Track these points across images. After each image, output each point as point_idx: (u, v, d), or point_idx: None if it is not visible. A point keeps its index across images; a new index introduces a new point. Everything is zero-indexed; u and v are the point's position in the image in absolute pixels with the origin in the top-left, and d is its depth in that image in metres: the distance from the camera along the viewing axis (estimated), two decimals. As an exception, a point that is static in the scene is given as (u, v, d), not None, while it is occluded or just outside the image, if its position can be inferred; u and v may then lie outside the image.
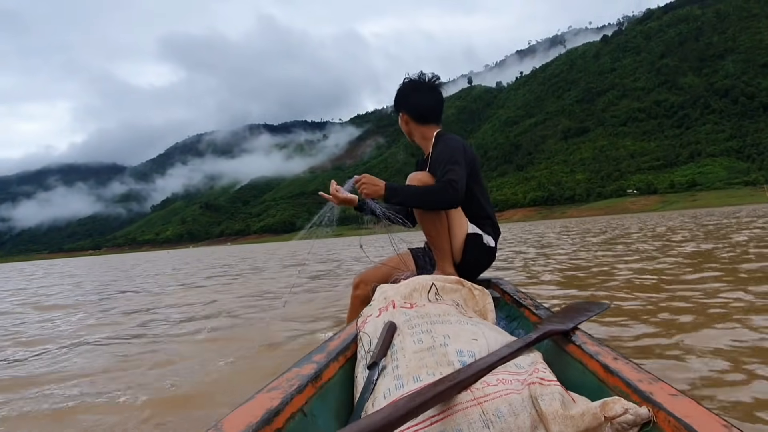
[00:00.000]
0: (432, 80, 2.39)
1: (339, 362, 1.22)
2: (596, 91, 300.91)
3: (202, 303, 5.71)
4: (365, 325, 1.37)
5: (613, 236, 14.24)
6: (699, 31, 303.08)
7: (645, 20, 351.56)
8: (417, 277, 1.62)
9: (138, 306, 5.86)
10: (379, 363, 1.11)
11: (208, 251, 65.48)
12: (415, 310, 1.33)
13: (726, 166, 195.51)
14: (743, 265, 5.20)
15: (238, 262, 17.79)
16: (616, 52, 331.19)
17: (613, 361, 1.03)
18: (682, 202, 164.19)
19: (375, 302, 1.54)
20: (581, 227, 28.34)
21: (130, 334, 3.87)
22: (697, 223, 18.89)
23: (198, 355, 2.97)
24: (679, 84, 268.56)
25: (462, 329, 1.21)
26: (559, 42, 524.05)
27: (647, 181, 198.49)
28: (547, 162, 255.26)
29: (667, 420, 0.77)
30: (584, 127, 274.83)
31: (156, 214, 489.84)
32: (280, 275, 9.60)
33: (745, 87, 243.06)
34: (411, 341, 1.15)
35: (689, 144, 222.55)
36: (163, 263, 23.42)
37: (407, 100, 2.39)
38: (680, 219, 29.33)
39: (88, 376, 2.65)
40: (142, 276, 12.87)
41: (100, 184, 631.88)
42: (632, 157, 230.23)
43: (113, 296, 7.52)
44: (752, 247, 7.43)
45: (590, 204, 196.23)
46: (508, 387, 0.95)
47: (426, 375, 1.01)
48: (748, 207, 66.07)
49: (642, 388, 0.87)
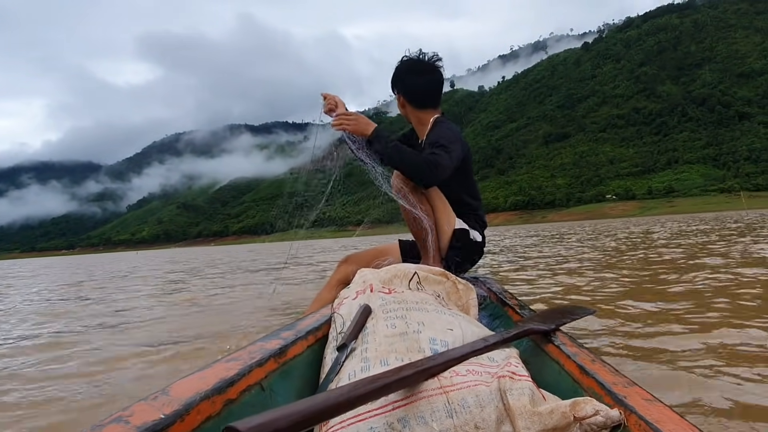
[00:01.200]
0: (432, 60, 2.27)
1: (308, 341, 1.20)
2: (577, 98, 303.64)
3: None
4: (340, 307, 1.34)
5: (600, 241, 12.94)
6: (677, 40, 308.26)
7: (625, 28, 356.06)
8: (400, 264, 1.59)
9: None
10: (348, 345, 1.09)
11: (187, 252, 63.21)
12: (392, 296, 1.30)
13: (702, 173, 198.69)
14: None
15: (205, 266, 16.04)
16: (596, 59, 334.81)
17: (590, 363, 1.02)
18: (659, 208, 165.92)
19: (353, 285, 1.50)
20: (560, 231, 27.20)
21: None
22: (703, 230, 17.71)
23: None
24: (657, 92, 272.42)
25: (438, 318, 1.19)
26: (541, 48, 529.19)
27: (626, 187, 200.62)
28: (528, 167, 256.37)
29: (637, 424, 0.76)
30: (565, 132, 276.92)
31: (132, 214, 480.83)
32: (240, 296, 7.95)
33: (722, 96, 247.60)
34: (384, 325, 1.14)
35: (667, 151, 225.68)
36: (123, 264, 21.54)
37: (404, 81, 2.28)
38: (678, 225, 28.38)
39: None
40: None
41: (75, 183, 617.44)
42: (611, 163, 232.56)
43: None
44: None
45: (570, 209, 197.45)
46: (477, 378, 0.93)
47: (394, 360, 1.00)
48: (726, 213, 66.00)
49: (616, 391, 0.86)
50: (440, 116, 2.29)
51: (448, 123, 2.20)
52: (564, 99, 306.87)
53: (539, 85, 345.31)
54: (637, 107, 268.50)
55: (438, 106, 2.32)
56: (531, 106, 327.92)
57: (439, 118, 2.26)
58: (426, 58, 2.26)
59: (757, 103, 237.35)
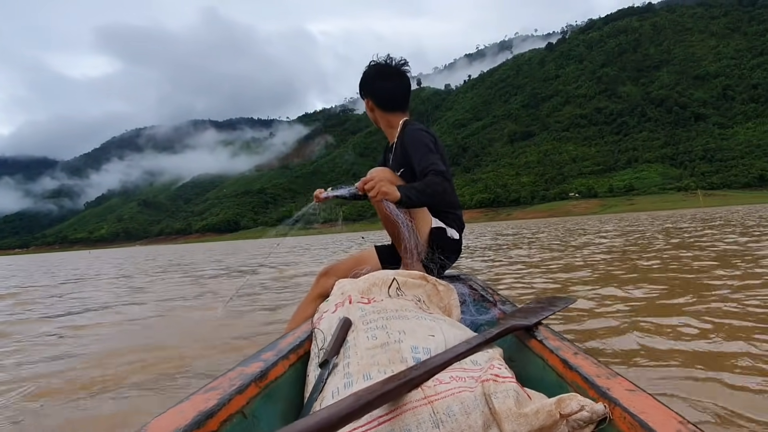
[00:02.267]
0: (399, 65, 2.29)
1: (290, 360, 1.17)
2: (541, 97, 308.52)
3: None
4: (320, 322, 1.33)
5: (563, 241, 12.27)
6: (637, 42, 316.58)
7: (587, 30, 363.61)
8: (378, 271, 1.58)
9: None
10: (330, 361, 1.08)
11: (147, 251, 60.72)
12: (372, 306, 1.29)
13: (660, 172, 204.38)
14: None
15: (160, 266, 14.72)
16: (560, 59, 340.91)
17: (572, 356, 1.02)
18: (620, 205, 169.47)
19: (332, 297, 1.49)
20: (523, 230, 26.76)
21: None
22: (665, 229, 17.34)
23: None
24: (618, 92, 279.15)
25: (419, 324, 1.18)
26: (506, 47, 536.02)
27: (588, 185, 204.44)
28: (493, 164, 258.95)
29: (622, 416, 0.77)
30: (529, 131, 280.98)
31: (90, 212, 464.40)
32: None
33: (679, 97, 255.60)
34: (364, 337, 1.13)
35: (627, 150, 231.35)
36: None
37: (372, 85, 2.30)
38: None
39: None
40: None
41: (29, 179, 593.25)
42: (574, 162, 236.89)
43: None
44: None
45: (534, 206, 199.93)
46: (460, 384, 0.92)
47: (377, 373, 0.99)
48: (684, 211, 67.56)
49: (599, 384, 0.87)
50: (408, 119, 2.32)
51: (418, 126, 2.21)
52: (529, 98, 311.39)
53: (504, 84, 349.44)
54: (598, 107, 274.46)
55: (406, 109, 2.35)
56: (496, 104, 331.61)
57: (407, 121, 2.28)
58: (393, 62, 2.28)
59: (712, 105, 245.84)
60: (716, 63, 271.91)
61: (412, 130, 2.17)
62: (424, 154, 2.02)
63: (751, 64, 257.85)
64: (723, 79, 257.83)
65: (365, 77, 2.32)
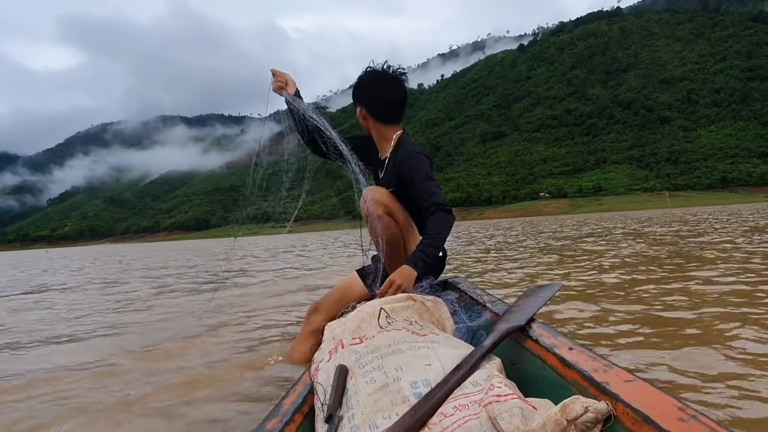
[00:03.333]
0: (396, 73, 2.20)
1: (296, 423, 1.14)
2: (513, 98, 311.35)
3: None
4: (318, 374, 1.31)
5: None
6: (606, 45, 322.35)
7: (558, 32, 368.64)
8: (364, 306, 1.56)
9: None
10: (335, 415, 1.06)
11: (111, 250, 58.49)
12: (364, 345, 1.29)
13: (628, 173, 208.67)
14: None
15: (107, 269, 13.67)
16: (531, 61, 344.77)
17: (568, 353, 1.04)
18: (589, 205, 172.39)
19: (324, 344, 1.47)
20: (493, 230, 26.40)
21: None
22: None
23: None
24: (587, 94, 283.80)
25: (414, 356, 1.18)
26: (479, 48, 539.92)
27: (558, 185, 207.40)
28: (465, 164, 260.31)
29: (625, 412, 0.79)
30: (501, 131, 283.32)
31: (53, 208, 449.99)
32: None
33: (645, 100, 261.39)
34: (363, 382, 1.12)
35: (596, 151, 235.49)
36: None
37: (367, 93, 2.20)
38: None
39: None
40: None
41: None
42: (545, 162, 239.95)
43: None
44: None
45: (506, 206, 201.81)
46: (465, 414, 0.92)
47: (382, 419, 0.98)
48: (652, 212, 68.75)
49: (598, 379, 0.89)
50: (404, 134, 2.24)
51: (415, 149, 2.15)
52: (500, 99, 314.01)
53: (477, 85, 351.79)
54: (568, 109, 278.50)
55: (401, 121, 2.26)
56: (469, 104, 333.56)
57: (403, 138, 2.22)
58: (391, 70, 2.19)
59: (677, 108, 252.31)
60: (681, 67, 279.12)
61: (410, 153, 2.11)
62: (428, 187, 1.99)
63: (714, 69, 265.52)
64: (687, 83, 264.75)
65: (360, 84, 2.22)
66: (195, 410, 2.01)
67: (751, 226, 12.72)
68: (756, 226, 12.92)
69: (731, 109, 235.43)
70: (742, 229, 11.84)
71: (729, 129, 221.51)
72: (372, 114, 2.21)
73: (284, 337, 3.26)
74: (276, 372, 2.34)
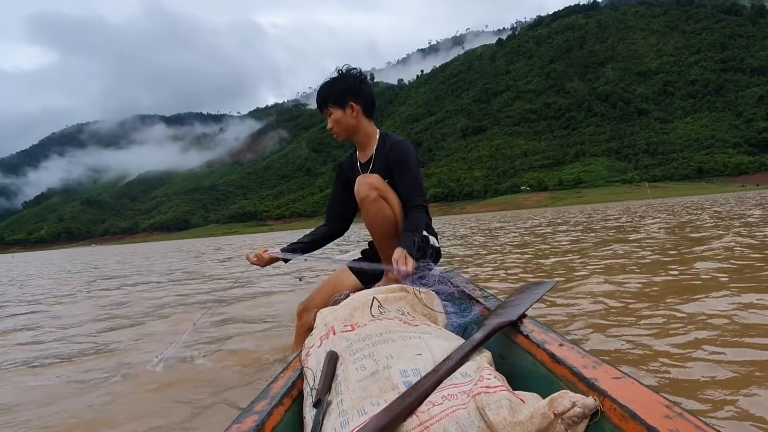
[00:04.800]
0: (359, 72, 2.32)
1: (284, 405, 1.15)
2: (492, 92, 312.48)
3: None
4: (308, 359, 1.31)
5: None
6: (583, 39, 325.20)
7: (536, 27, 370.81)
8: (357, 294, 1.57)
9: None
10: (323, 400, 1.07)
11: (87, 252, 56.73)
12: (356, 333, 1.29)
13: (607, 166, 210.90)
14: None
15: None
16: (510, 55, 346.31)
17: (558, 349, 1.05)
18: (569, 198, 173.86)
19: (316, 330, 1.47)
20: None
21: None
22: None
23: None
24: (566, 88, 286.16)
25: (405, 345, 1.18)
26: (459, 43, 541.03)
27: (538, 179, 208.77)
28: (446, 159, 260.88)
29: (612, 408, 0.80)
30: (481, 126, 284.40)
31: (29, 211, 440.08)
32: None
33: (623, 93, 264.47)
34: (353, 369, 1.13)
35: (575, 144, 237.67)
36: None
37: (362, 90, 2.26)
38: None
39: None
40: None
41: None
42: (525, 156, 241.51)
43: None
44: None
45: (487, 200, 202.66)
46: (453, 403, 0.93)
47: (370, 406, 0.98)
48: (632, 202, 68.98)
49: (587, 375, 0.90)
50: (383, 130, 2.34)
51: (406, 144, 2.25)
52: (480, 93, 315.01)
53: (456, 80, 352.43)
54: (547, 102, 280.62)
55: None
56: (449, 99, 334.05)
57: (385, 133, 2.32)
58: (357, 71, 2.31)
59: (653, 100, 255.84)
60: (657, 60, 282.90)
61: (398, 141, 2.22)
62: (417, 180, 2.10)
63: (689, 61, 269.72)
64: (663, 75, 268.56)
65: (351, 83, 2.25)
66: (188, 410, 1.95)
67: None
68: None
69: (706, 100, 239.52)
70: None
71: (704, 120, 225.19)
72: (365, 109, 2.27)
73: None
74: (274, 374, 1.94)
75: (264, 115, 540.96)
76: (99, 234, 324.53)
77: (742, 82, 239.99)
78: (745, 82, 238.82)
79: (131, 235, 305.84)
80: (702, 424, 0.69)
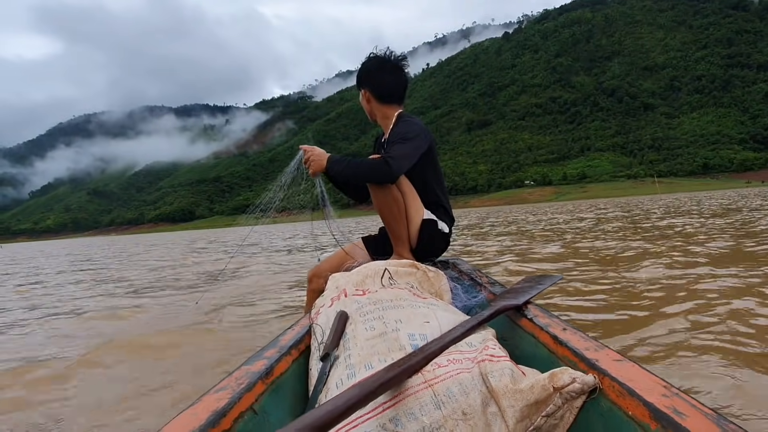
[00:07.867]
0: (398, 60, 2.35)
1: (292, 356, 1.20)
2: (498, 86, 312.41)
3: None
4: (318, 317, 1.34)
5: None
6: (590, 33, 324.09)
7: (542, 20, 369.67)
8: (369, 263, 1.61)
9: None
10: (331, 354, 1.10)
11: (90, 243, 57.91)
12: (367, 297, 1.32)
13: (612, 161, 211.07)
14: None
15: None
16: (516, 49, 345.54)
17: (562, 332, 1.06)
18: (574, 193, 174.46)
19: (327, 292, 1.50)
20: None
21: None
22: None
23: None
24: (571, 82, 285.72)
25: (414, 312, 1.21)
26: (466, 36, 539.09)
27: (543, 173, 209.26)
28: (451, 153, 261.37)
29: (611, 386, 0.82)
30: (486, 120, 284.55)
31: (35, 201, 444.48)
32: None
33: (629, 87, 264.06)
34: (363, 329, 1.15)
35: (580, 139, 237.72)
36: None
37: (370, 77, 2.34)
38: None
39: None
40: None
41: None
42: (529, 150, 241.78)
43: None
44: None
45: (491, 194, 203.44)
46: (458, 366, 0.96)
47: (378, 362, 1.01)
48: (640, 198, 69.64)
49: (588, 356, 0.92)
50: (403, 111, 2.38)
51: (411, 118, 2.28)
52: (486, 87, 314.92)
53: (462, 73, 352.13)
54: (553, 96, 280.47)
55: (402, 102, 2.40)
56: (454, 93, 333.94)
57: (402, 113, 2.35)
58: (393, 57, 2.34)
59: (660, 95, 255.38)
60: (664, 55, 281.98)
61: (404, 121, 2.25)
62: (396, 141, 2.11)
63: (696, 56, 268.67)
64: (670, 70, 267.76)
65: (365, 68, 2.35)
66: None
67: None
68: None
69: (712, 96, 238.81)
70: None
71: (710, 116, 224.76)
72: (375, 95, 2.33)
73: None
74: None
75: (270, 107, 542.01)
76: (105, 224, 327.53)
77: (748, 77, 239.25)
78: (752, 78, 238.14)
79: (137, 225, 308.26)
80: (697, 403, 0.70)
